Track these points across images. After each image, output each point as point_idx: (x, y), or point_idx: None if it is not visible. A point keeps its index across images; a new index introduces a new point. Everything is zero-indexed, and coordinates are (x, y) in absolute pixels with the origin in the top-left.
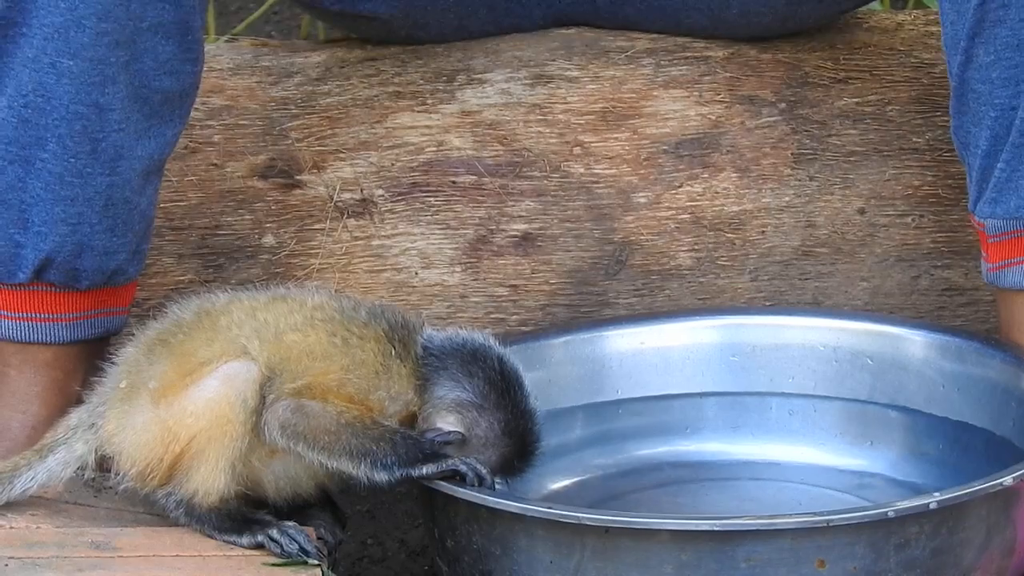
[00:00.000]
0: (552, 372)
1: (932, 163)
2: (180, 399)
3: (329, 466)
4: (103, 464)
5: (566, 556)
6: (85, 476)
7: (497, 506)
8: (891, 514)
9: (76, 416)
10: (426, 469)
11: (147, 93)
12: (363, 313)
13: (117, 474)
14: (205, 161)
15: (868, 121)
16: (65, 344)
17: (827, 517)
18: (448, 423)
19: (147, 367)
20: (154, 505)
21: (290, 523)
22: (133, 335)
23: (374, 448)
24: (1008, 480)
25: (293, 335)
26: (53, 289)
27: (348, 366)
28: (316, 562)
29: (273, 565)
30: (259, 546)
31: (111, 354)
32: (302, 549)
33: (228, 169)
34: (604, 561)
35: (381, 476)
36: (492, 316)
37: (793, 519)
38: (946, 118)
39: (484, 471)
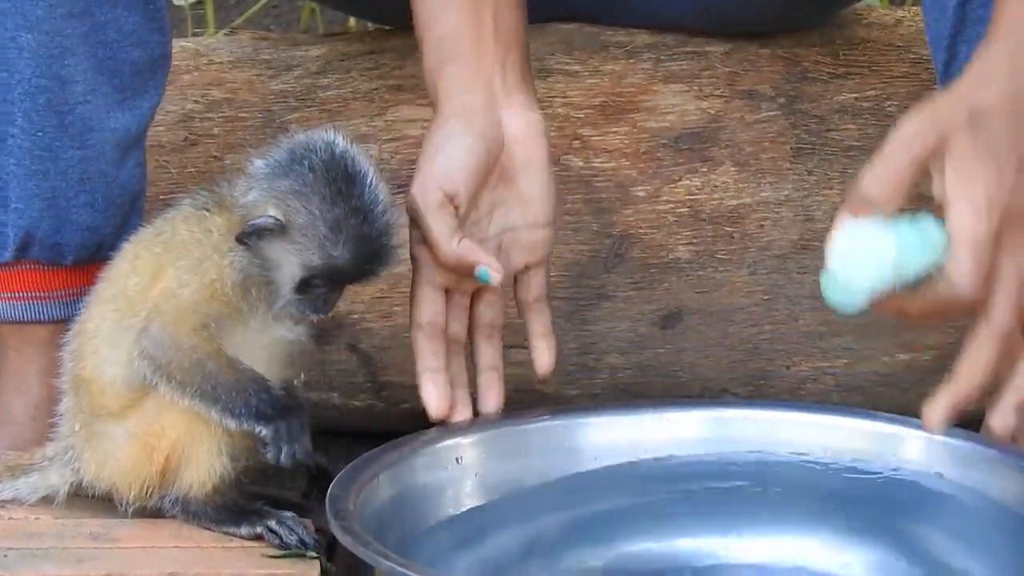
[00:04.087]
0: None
1: None
2: (146, 414)
3: (183, 404)
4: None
5: None
6: (55, 503)
7: (394, 574)
8: None
9: (52, 448)
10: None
11: (115, 65)
12: (171, 213)
13: (120, 503)
14: (205, 153)
15: (867, 116)
16: (61, 322)
17: None
18: (266, 211)
19: (85, 404)
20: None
21: (289, 514)
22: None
23: (224, 397)
24: None
25: (132, 280)
26: (40, 267)
27: (173, 260)
28: (315, 554)
29: (272, 556)
30: (258, 537)
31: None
32: (301, 541)
33: (228, 161)
34: None
35: (229, 422)
36: None
37: None
38: None
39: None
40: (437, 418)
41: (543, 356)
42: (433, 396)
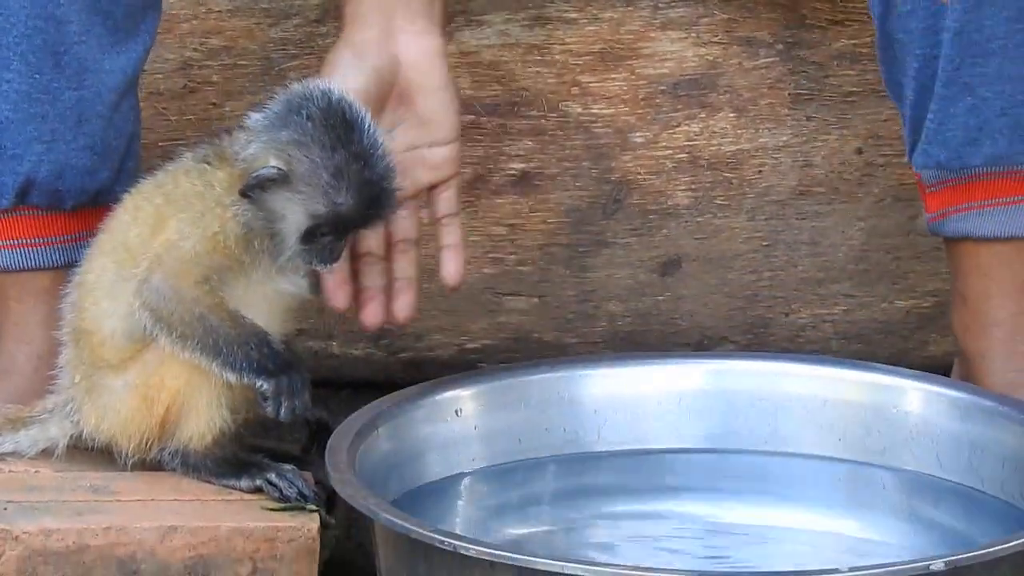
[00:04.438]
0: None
1: None
2: (146, 366)
3: (183, 356)
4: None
5: None
6: (55, 455)
7: (392, 526)
8: None
9: (52, 401)
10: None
11: (108, 6)
12: (171, 167)
13: (119, 455)
14: (204, 101)
15: (865, 62)
16: (61, 269)
17: (706, 572)
18: (269, 162)
19: (85, 356)
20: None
21: (288, 466)
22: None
23: (225, 350)
24: (939, 565)
25: (132, 231)
26: (39, 212)
27: (174, 212)
28: (314, 507)
29: (272, 509)
30: (258, 490)
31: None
32: (301, 494)
33: (227, 108)
34: None
35: (230, 376)
36: (490, 255)
37: (669, 573)
38: None
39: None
40: (337, 307)
41: (449, 265)
42: (332, 289)
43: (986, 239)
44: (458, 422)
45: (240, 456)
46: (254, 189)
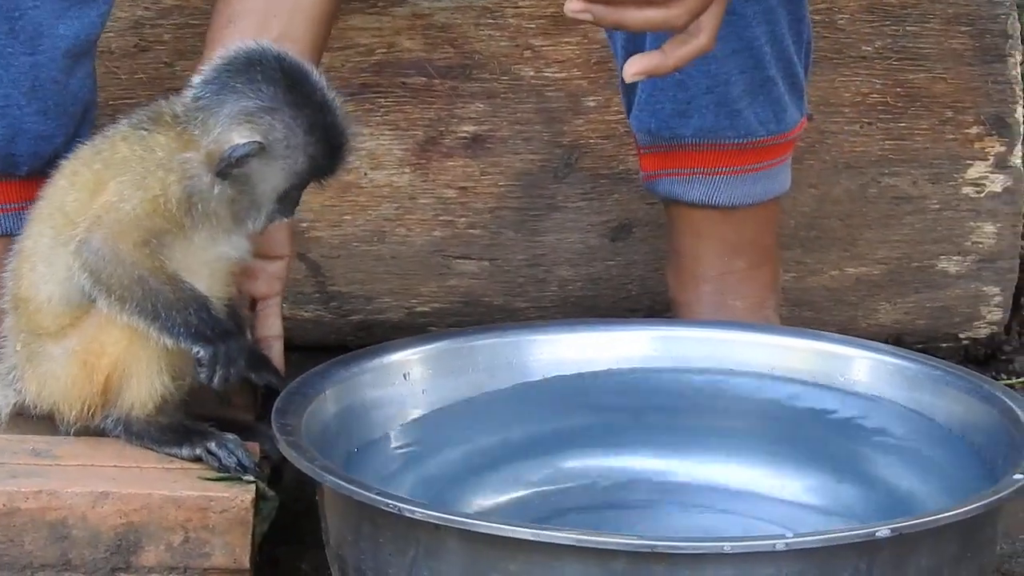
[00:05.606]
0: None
1: (881, 71)
2: (85, 332)
3: (122, 319)
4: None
5: (402, 550)
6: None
7: (338, 488)
8: (727, 549)
9: None
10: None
11: None
12: (109, 132)
13: (62, 423)
14: (156, 60)
15: (818, 28)
16: (14, 236)
17: (652, 542)
18: (242, 136)
19: (24, 325)
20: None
21: (231, 436)
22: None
23: (163, 315)
24: (884, 532)
25: (70, 196)
26: None
27: (114, 176)
28: (251, 479)
29: (207, 479)
30: (198, 459)
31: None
32: (240, 464)
33: (178, 67)
34: (435, 560)
35: (167, 340)
36: (440, 218)
37: (614, 539)
38: (895, 27)
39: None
40: None
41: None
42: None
43: (695, 204)
44: (406, 386)
45: (185, 424)
46: (233, 168)
